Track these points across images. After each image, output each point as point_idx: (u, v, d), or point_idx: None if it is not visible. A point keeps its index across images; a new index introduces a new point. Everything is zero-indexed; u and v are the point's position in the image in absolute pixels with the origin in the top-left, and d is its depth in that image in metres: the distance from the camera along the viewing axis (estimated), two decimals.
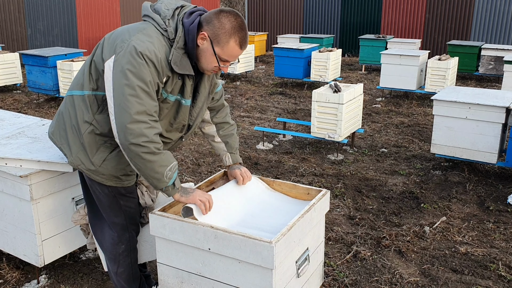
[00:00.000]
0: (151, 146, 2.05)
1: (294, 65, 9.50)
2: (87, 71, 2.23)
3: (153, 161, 2.07)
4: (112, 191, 2.35)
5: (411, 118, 7.43)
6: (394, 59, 8.45)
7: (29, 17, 12.62)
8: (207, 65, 2.17)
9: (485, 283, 3.14)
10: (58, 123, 2.35)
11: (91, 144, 2.25)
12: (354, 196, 4.51)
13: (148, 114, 2.05)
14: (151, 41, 2.05)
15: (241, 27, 2.10)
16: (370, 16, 14.53)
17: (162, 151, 2.12)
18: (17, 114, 3.63)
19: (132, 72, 2.01)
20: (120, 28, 2.21)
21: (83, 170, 2.30)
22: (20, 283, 3.07)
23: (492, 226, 3.92)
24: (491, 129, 4.70)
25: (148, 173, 2.10)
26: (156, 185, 2.14)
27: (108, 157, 2.27)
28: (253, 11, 16.47)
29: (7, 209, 2.89)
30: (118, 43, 2.08)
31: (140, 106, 2.02)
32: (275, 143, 6.12)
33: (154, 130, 2.08)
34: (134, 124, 2.02)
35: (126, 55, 2.02)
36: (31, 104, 8.32)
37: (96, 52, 2.20)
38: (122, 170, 2.30)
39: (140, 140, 2.03)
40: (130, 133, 2.02)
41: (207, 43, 2.10)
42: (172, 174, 2.15)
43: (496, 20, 12.82)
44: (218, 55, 2.12)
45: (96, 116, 2.22)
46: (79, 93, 2.24)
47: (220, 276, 2.16)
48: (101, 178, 2.29)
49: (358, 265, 3.35)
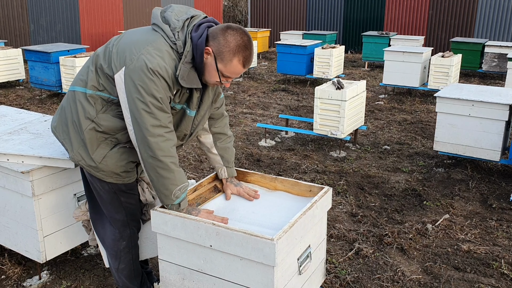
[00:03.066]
0: (167, 161, 2.10)
1: (297, 62, 9.48)
2: (93, 70, 2.21)
3: (166, 178, 2.13)
4: (112, 188, 2.35)
5: (414, 115, 7.41)
6: (397, 56, 8.42)
7: (32, 13, 12.61)
8: (210, 78, 2.18)
9: (487, 281, 3.13)
10: (60, 117, 2.35)
11: (91, 140, 2.25)
12: (356, 193, 4.50)
13: (163, 126, 2.09)
14: (161, 56, 2.05)
15: (246, 46, 2.09)
16: (373, 13, 14.49)
17: (177, 169, 2.16)
18: (19, 110, 3.63)
19: (144, 89, 2.02)
20: (128, 34, 2.19)
21: (83, 166, 2.30)
22: (22, 279, 3.08)
23: (495, 224, 3.90)
24: (494, 127, 4.68)
25: (158, 187, 2.16)
26: (163, 200, 2.20)
27: (109, 153, 2.27)
28: (256, 8, 16.44)
29: (9, 205, 2.89)
30: (127, 55, 2.07)
31: (154, 120, 2.06)
32: (278, 140, 6.11)
33: (170, 143, 2.12)
34: (152, 138, 2.07)
35: (137, 71, 2.02)
36: (34, 100, 8.32)
37: (104, 56, 2.18)
38: (122, 167, 2.31)
39: (159, 154, 2.08)
40: (149, 146, 2.08)
41: (211, 59, 2.10)
42: (180, 194, 2.19)
43: (499, 17, 12.76)
44: (221, 71, 2.12)
45: (99, 114, 2.22)
46: (82, 90, 2.24)
47: (221, 273, 2.16)
48: (102, 174, 2.29)
49: (360, 262, 3.34)
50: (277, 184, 2.66)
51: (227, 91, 9.06)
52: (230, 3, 20.92)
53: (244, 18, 20.50)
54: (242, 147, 5.78)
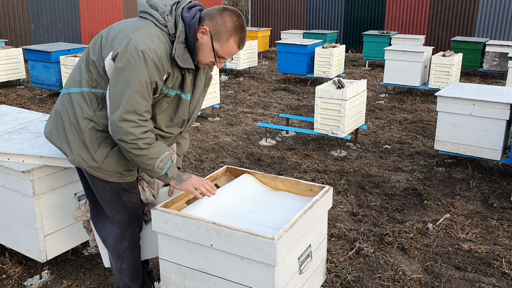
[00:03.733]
0: (139, 143, 2.12)
1: (298, 61, 9.47)
2: (85, 68, 2.22)
3: (142, 155, 2.15)
4: (115, 187, 2.35)
5: (414, 114, 7.40)
6: (398, 55, 8.41)
7: (32, 12, 12.61)
8: (204, 59, 2.20)
9: (488, 280, 3.13)
10: (55, 122, 2.33)
11: (92, 140, 2.24)
12: (357, 192, 4.49)
13: (137, 114, 2.09)
14: (150, 39, 2.06)
15: (242, 28, 2.16)
16: (374, 12, 14.47)
17: (152, 145, 2.16)
18: (19, 109, 3.63)
19: (129, 71, 2.03)
20: (117, 25, 2.21)
21: (85, 168, 2.29)
22: (23, 278, 3.08)
23: (495, 223, 3.90)
24: (495, 126, 4.68)
25: (140, 165, 2.20)
26: (150, 175, 2.25)
27: (110, 153, 2.27)
28: (257, 7, 16.43)
29: (10, 204, 2.89)
30: (116, 40, 2.09)
31: (130, 106, 2.06)
32: (278, 139, 6.11)
33: (142, 129, 2.12)
34: (122, 123, 2.07)
35: (126, 54, 2.03)
36: (34, 99, 8.32)
37: (93, 49, 2.20)
38: (124, 166, 2.31)
39: (127, 138, 2.10)
40: (119, 130, 2.09)
41: (207, 38, 2.14)
42: (164, 165, 2.21)
43: (500, 16, 12.75)
44: (216, 51, 2.16)
45: (96, 112, 2.22)
46: (77, 90, 2.24)
47: (222, 273, 2.16)
48: (104, 174, 2.29)
49: (361, 261, 3.34)
50: (277, 184, 2.66)
51: (227, 90, 9.06)
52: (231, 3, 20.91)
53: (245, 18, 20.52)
54: (243, 147, 5.78)
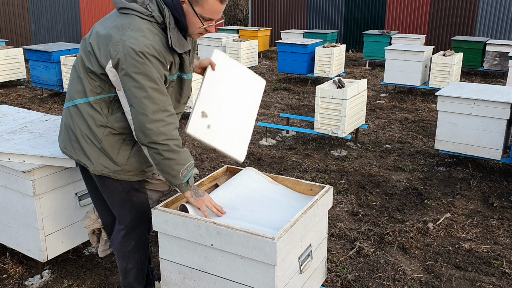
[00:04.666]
0: (170, 144, 2.10)
1: (298, 61, 9.47)
2: (85, 78, 2.18)
3: (172, 159, 2.12)
4: (126, 187, 2.35)
5: (415, 114, 7.40)
6: (398, 54, 8.41)
7: (33, 12, 12.62)
8: (193, 28, 2.16)
9: (488, 279, 3.13)
10: (67, 136, 2.31)
11: (112, 145, 2.24)
12: (357, 192, 4.49)
13: (163, 111, 2.08)
14: (143, 35, 2.03)
15: None
16: (375, 12, 14.46)
17: (181, 149, 2.15)
18: (20, 109, 3.63)
19: (138, 74, 2.01)
20: (102, 26, 2.13)
21: (108, 174, 2.28)
22: (24, 278, 3.08)
23: (496, 222, 3.90)
24: (495, 125, 4.68)
25: (165, 169, 2.15)
26: (171, 181, 2.20)
27: (131, 153, 2.28)
28: (257, 6, 16.42)
29: (10, 204, 2.89)
30: (111, 46, 2.04)
31: (154, 106, 2.05)
32: (279, 139, 6.11)
33: (172, 127, 2.11)
34: (152, 124, 2.05)
35: (126, 59, 2.00)
36: (35, 99, 8.33)
37: (88, 58, 2.14)
38: (146, 162, 2.33)
39: (160, 139, 2.08)
40: (150, 133, 2.06)
41: (187, 6, 2.09)
42: (187, 172, 2.20)
43: (501, 15, 12.74)
44: (200, 15, 2.10)
45: (109, 117, 2.20)
46: (84, 101, 2.21)
47: (222, 272, 2.16)
48: (128, 175, 2.30)
49: (361, 261, 3.34)
50: (278, 183, 2.66)
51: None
52: (231, 2, 20.90)
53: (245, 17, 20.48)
54: None
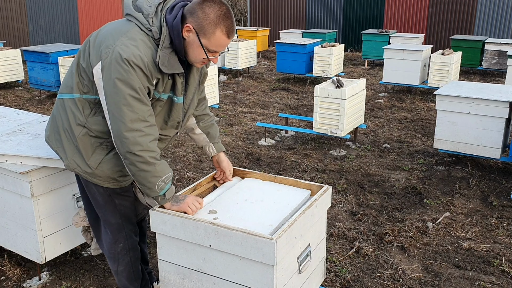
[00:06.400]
0: (145, 156, 2.06)
1: (297, 61, 9.46)
2: (76, 74, 2.18)
3: (147, 171, 2.09)
4: (107, 190, 2.33)
5: (414, 113, 7.39)
6: (397, 54, 8.41)
7: (31, 13, 12.61)
8: (195, 57, 2.11)
9: (488, 278, 3.12)
10: (52, 126, 2.32)
11: (86, 146, 2.22)
12: (356, 191, 4.49)
13: (141, 120, 2.04)
14: (135, 45, 2.00)
15: (226, 16, 2.03)
16: (373, 11, 14.46)
17: (158, 161, 2.11)
18: (17, 110, 3.62)
19: (121, 81, 1.98)
20: (105, 28, 2.14)
21: (79, 173, 2.27)
22: (22, 279, 3.07)
23: (495, 221, 3.89)
24: (494, 124, 4.67)
25: (141, 181, 2.12)
26: (148, 193, 2.17)
27: (104, 159, 2.24)
28: (255, 6, 16.41)
29: (8, 206, 2.88)
30: (103, 48, 2.03)
31: (132, 114, 2.01)
32: (277, 139, 6.10)
33: (149, 138, 2.07)
34: (129, 133, 2.02)
35: (112, 63, 1.98)
36: (33, 100, 8.32)
37: (83, 55, 2.15)
38: (119, 172, 2.27)
39: (135, 149, 2.04)
40: (126, 142, 2.03)
41: (193, 36, 2.04)
42: (164, 185, 2.16)
43: (500, 14, 12.74)
44: (206, 47, 2.06)
45: (88, 118, 2.19)
46: (69, 96, 2.21)
47: (221, 273, 2.15)
48: (98, 180, 2.27)
49: (361, 261, 3.33)
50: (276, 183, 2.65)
51: (226, 90, 9.05)
52: (229, 2, 20.90)
53: (244, 17, 20.48)
54: (242, 146, 5.78)
